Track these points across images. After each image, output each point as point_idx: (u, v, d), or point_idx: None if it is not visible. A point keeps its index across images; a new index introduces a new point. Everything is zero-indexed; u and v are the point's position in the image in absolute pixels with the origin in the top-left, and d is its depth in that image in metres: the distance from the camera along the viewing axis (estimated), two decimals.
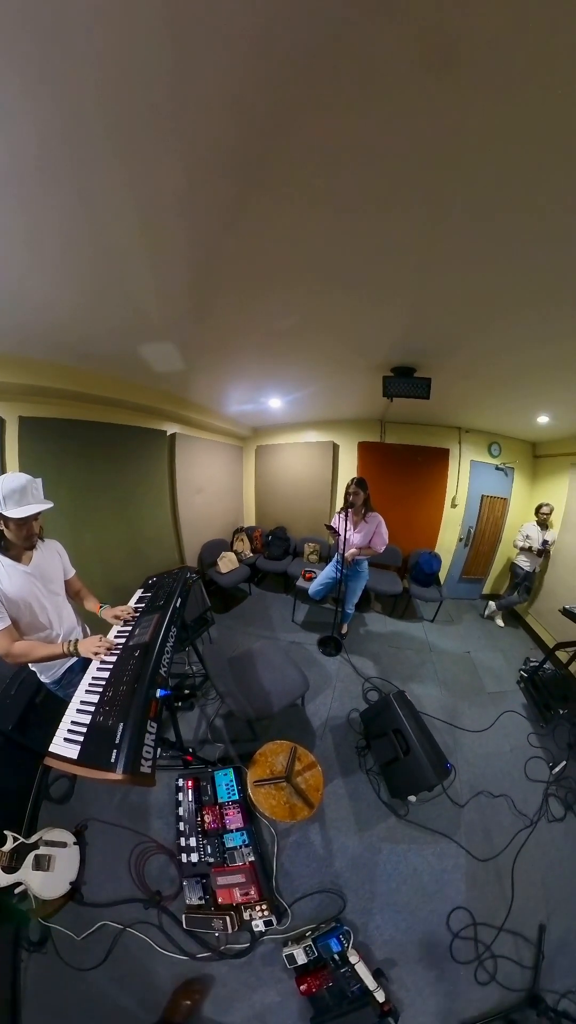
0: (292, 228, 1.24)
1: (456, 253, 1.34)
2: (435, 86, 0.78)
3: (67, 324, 1.78)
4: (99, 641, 1.52)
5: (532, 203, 1.07)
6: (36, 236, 1.20)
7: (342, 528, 2.88)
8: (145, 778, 1.11)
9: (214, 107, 0.84)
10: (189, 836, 1.79)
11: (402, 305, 1.76)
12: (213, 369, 2.76)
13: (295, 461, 4.90)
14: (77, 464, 2.67)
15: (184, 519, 3.99)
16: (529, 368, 2.37)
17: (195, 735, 2.46)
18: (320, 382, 3.16)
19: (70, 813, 1.87)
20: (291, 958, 1.49)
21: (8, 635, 1.40)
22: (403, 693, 2.33)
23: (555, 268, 1.34)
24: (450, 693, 3.07)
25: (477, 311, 1.73)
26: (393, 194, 1.09)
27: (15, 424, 2.22)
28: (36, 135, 0.87)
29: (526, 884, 1.82)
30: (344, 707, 2.76)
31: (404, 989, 1.48)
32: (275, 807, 1.73)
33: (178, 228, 1.23)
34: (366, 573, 3.31)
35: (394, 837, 1.98)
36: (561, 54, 0.71)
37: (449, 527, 4.59)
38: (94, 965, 1.46)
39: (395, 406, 3.34)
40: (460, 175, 1.01)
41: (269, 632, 3.71)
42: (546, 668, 3.11)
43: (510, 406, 3.42)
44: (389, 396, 2.60)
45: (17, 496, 1.34)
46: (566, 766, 2.40)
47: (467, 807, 2.15)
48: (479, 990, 1.50)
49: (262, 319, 1.93)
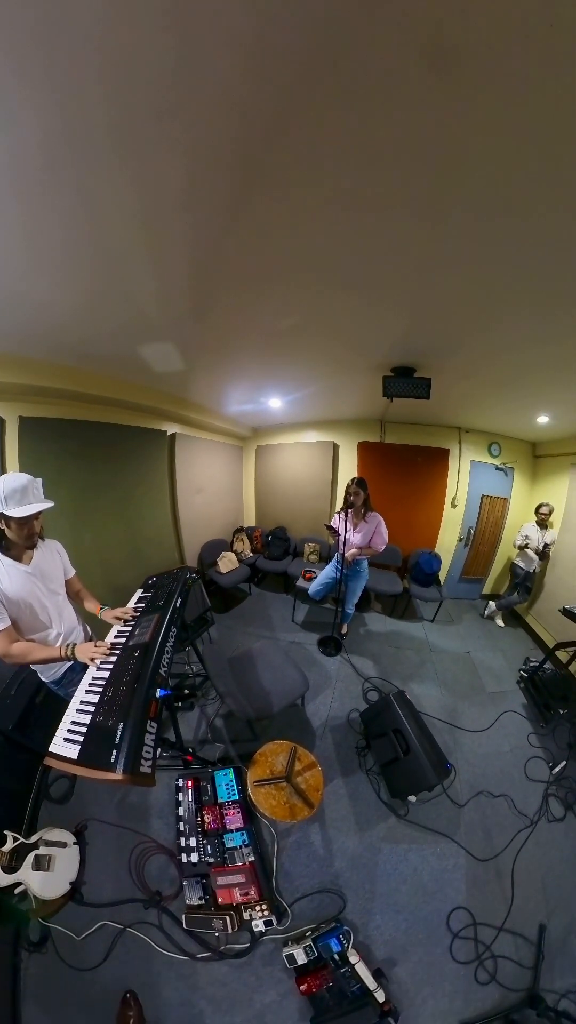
0: (292, 228, 1.24)
1: (456, 253, 1.34)
2: (436, 85, 0.78)
3: (67, 324, 1.78)
4: (95, 647, 1.52)
5: (533, 204, 1.07)
6: (37, 236, 1.20)
7: (342, 528, 2.88)
8: (145, 778, 1.11)
9: (215, 106, 0.84)
10: (189, 836, 1.79)
11: (402, 305, 1.76)
12: (213, 369, 2.76)
13: (295, 461, 4.90)
14: (77, 464, 2.67)
15: (184, 519, 3.98)
16: (529, 368, 2.37)
17: (195, 735, 2.46)
18: (320, 382, 3.16)
19: (70, 813, 1.87)
20: (291, 958, 1.49)
21: (7, 636, 1.40)
22: (403, 693, 2.33)
23: (556, 268, 1.34)
24: (450, 693, 3.07)
25: (477, 311, 1.73)
26: (394, 194, 1.09)
27: (15, 424, 2.22)
28: (38, 135, 0.87)
29: (526, 884, 1.82)
30: (344, 707, 2.76)
31: (404, 989, 1.48)
32: (275, 807, 1.73)
33: (178, 227, 1.23)
34: (366, 573, 3.31)
35: (394, 837, 1.98)
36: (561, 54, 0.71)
37: (449, 527, 4.59)
38: (94, 965, 1.46)
39: (395, 406, 3.33)
40: (461, 175, 1.01)
41: (269, 632, 3.71)
42: (546, 668, 3.11)
43: (510, 406, 3.42)
44: (389, 396, 2.60)
45: (18, 496, 1.34)
46: (566, 766, 2.40)
47: (467, 807, 2.15)
48: (479, 990, 1.50)
49: (262, 319, 1.92)
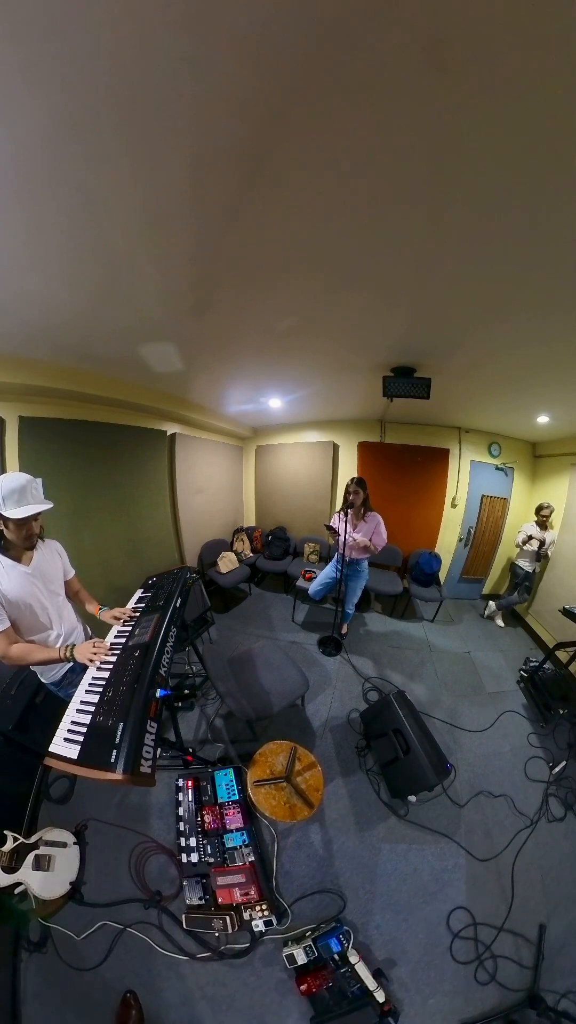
0: (294, 227, 1.24)
1: (457, 253, 1.33)
2: (437, 82, 0.78)
3: (68, 323, 1.78)
4: (93, 647, 1.51)
5: (533, 204, 1.07)
6: (39, 235, 1.19)
7: (341, 528, 2.88)
8: (145, 778, 1.11)
9: (219, 105, 0.84)
10: (189, 836, 1.79)
11: (402, 305, 1.75)
12: (213, 369, 2.75)
13: (295, 461, 4.90)
14: (77, 464, 2.67)
15: (184, 519, 3.98)
16: (530, 367, 2.37)
17: (195, 735, 2.45)
18: (320, 382, 3.15)
19: (70, 813, 1.87)
20: (291, 958, 1.49)
21: (6, 637, 1.40)
22: (403, 693, 2.33)
23: (556, 268, 1.34)
24: (450, 693, 3.07)
25: (477, 310, 1.72)
26: (394, 192, 1.08)
27: (15, 424, 2.22)
28: (40, 133, 0.87)
29: (526, 884, 1.82)
30: (344, 707, 2.76)
31: (404, 989, 1.48)
32: (275, 807, 1.73)
33: (181, 226, 1.22)
34: (366, 573, 3.31)
35: (394, 837, 1.98)
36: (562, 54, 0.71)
37: (449, 527, 4.59)
38: (94, 965, 1.46)
39: (395, 406, 3.34)
40: (461, 176, 1.01)
41: (269, 632, 3.71)
42: (546, 668, 3.11)
43: (510, 406, 3.42)
44: (389, 396, 2.60)
45: (17, 496, 1.34)
46: (566, 766, 2.40)
47: (467, 807, 2.15)
48: (479, 990, 1.50)
49: (263, 318, 1.92)
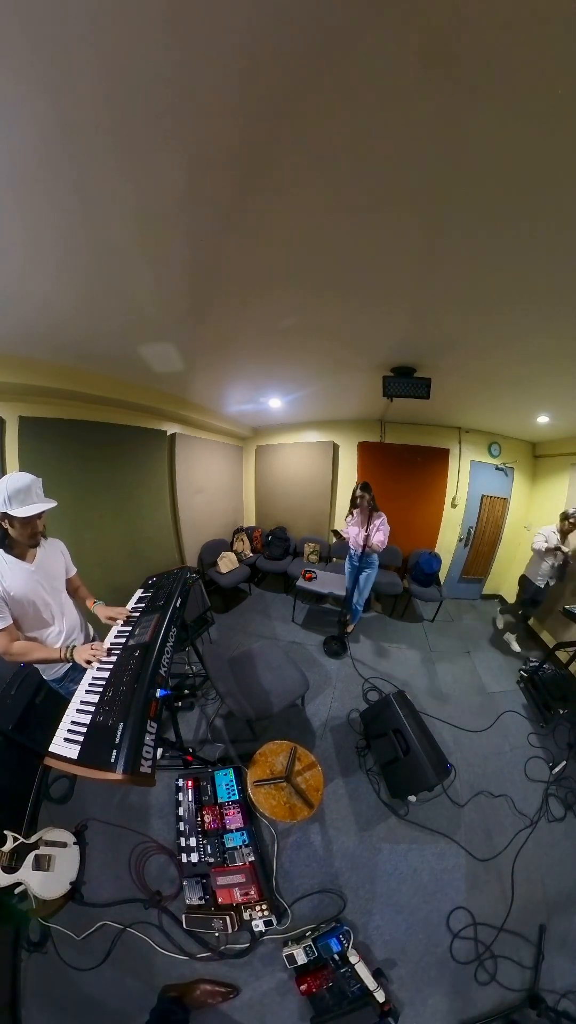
0: (291, 228, 1.24)
1: (456, 254, 1.34)
2: (434, 86, 0.78)
3: (67, 324, 1.78)
4: (92, 649, 1.52)
5: (533, 203, 1.07)
6: (36, 235, 1.20)
7: (351, 529, 3.11)
8: (145, 778, 1.11)
9: (215, 107, 0.84)
10: (189, 836, 1.79)
11: (402, 306, 1.76)
12: (213, 369, 2.76)
13: (295, 461, 4.90)
14: (77, 464, 2.67)
15: (184, 519, 3.98)
16: (529, 368, 2.37)
17: (195, 735, 2.45)
18: (320, 382, 3.16)
19: (70, 813, 1.87)
20: (291, 958, 1.49)
21: (8, 635, 1.41)
22: (403, 693, 2.33)
23: (556, 268, 1.34)
24: (450, 693, 3.07)
25: (477, 311, 1.72)
26: (393, 195, 1.09)
27: (15, 424, 2.22)
28: (37, 135, 0.87)
29: (526, 884, 1.82)
30: (344, 707, 2.76)
31: (404, 989, 1.48)
32: (275, 807, 1.73)
33: (177, 228, 1.23)
34: (377, 566, 3.40)
35: (394, 837, 1.98)
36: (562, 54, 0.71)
37: (449, 527, 4.59)
38: (94, 965, 1.46)
39: (395, 406, 3.33)
40: (460, 177, 1.01)
41: (269, 632, 3.71)
42: (546, 668, 3.11)
43: (510, 406, 3.42)
44: (389, 396, 2.60)
45: (22, 495, 1.35)
46: (566, 766, 2.40)
47: (467, 807, 2.15)
48: (479, 990, 1.50)
49: (262, 319, 1.92)
